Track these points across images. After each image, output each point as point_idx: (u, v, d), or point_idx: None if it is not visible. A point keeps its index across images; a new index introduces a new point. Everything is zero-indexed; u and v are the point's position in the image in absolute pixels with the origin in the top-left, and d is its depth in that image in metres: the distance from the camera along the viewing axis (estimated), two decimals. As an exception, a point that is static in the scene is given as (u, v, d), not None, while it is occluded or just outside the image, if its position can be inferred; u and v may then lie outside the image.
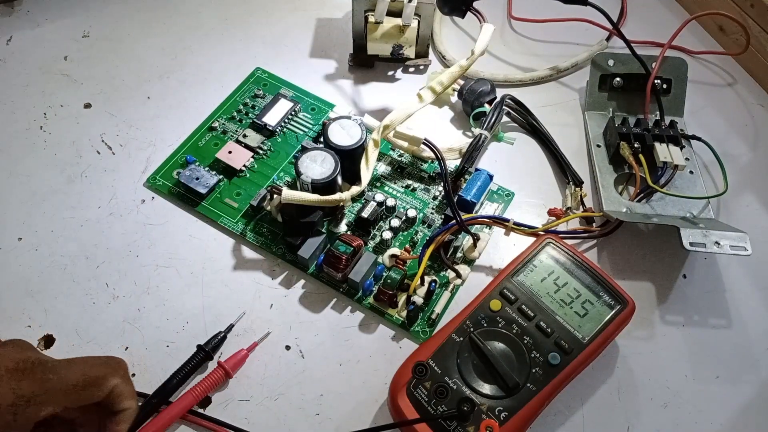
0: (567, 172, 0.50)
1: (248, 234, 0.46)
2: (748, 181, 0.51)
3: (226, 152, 0.49)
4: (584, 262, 0.42)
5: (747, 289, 0.46)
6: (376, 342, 0.43)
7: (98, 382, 0.34)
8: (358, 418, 0.40)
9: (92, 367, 0.34)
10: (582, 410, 0.41)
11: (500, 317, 0.40)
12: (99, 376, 0.34)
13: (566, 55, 0.57)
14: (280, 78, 0.55)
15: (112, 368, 0.35)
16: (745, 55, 0.57)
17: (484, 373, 0.38)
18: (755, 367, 0.42)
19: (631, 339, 0.43)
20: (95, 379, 0.34)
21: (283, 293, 0.44)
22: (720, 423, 0.40)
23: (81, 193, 0.48)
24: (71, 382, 0.33)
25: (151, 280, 0.44)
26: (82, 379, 0.33)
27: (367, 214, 0.45)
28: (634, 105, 0.53)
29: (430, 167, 0.50)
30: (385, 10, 0.50)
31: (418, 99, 0.47)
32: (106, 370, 0.34)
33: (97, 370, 0.34)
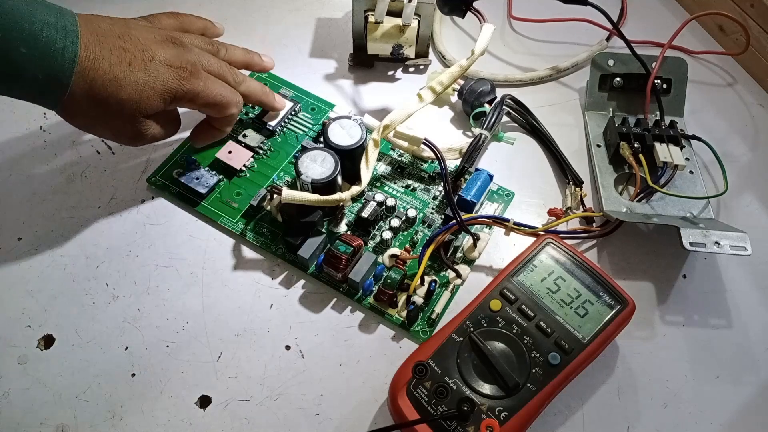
0: (567, 172, 0.50)
1: (248, 234, 0.46)
2: (748, 181, 0.51)
3: (226, 152, 0.49)
4: (584, 262, 0.42)
5: (747, 289, 0.46)
6: (376, 342, 0.43)
7: (226, 107, 0.43)
8: (358, 418, 0.40)
9: (230, 92, 0.43)
10: (582, 410, 0.41)
11: (500, 317, 0.40)
12: (230, 101, 0.43)
13: (566, 55, 0.57)
14: (280, 78, 0.55)
15: (236, 102, 0.43)
16: (745, 55, 0.57)
17: (484, 373, 0.38)
18: (755, 367, 0.42)
19: (631, 339, 0.43)
20: (226, 103, 0.42)
21: (283, 293, 0.44)
22: (720, 423, 0.40)
23: (81, 193, 0.48)
24: (211, 98, 0.41)
25: (151, 280, 0.44)
26: (219, 98, 0.42)
27: (367, 214, 0.45)
28: (634, 105, 0.53)
29: (430, 167, 0.50)
30: (385, 10, 0.50)
31: (418, 99, 0.47)
32: (232, 99, 0.43)
33: (229, 96, 0.42)
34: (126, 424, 0.39)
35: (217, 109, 0.43)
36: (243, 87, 0.45)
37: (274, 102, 0.49)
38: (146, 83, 0.38)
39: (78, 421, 0.39)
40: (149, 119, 0.40)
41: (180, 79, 0.40)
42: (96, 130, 0.41)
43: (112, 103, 0.38)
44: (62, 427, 0.39)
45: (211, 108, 0.43)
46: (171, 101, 0.40)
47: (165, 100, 0.40)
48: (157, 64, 0.39)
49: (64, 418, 0.39)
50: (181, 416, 0.39)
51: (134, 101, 0.38)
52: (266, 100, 0.48)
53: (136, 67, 0.38)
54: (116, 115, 0.39)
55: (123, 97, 0.38)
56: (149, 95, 0.38)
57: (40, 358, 0.41)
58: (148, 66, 0.38)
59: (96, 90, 0.37)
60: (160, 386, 0.40)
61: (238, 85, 0.44)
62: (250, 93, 0.46)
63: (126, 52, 0.38)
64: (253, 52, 0.49)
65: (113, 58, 0.37)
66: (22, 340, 0.41)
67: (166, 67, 0.39)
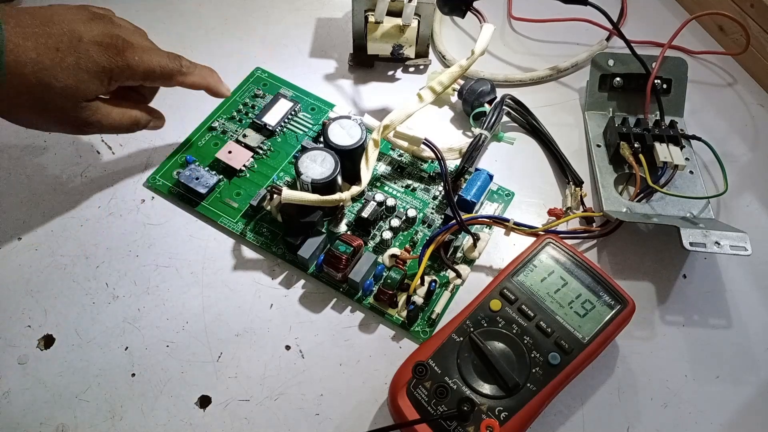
0: (567, 172, 0.50)
1: (248, 234, 0.46)
2: (748, 181, 0.51)
3: (226, 152, 0.49)
4: (584, 262, 0.42)
5: (747, 289, 0.46)
6: (376, 342, 0.43)
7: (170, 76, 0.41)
8: (358, 418, 0.40)
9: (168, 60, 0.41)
10: (582, 410, 0.41)
11: (500, 317, 0.40)
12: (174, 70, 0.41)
13: (566, 55, 0.57)
14: (280, 78, 0.55)
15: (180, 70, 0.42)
16: (745, 55, 0.57)
17: (484, 373, 0.38)
18: (755, 367, 0.42)
19: (631, 339, 0.43)
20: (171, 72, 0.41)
21: (283, 293, 0.44)
22: (720, 423, 0.40)
23: (81, 193, 0.48)
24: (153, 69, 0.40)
25: (151, 280, 0.44)
26: (159, 70, 0.40)
27: (367, 214, 0.45)
28: (634, 105, 0.53)
29: (430, 167, 0.50)
30: (385, 9, 0.50)
31: (418, 99, 0.47)
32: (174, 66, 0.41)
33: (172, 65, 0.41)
34: (126, 424, 0.39)
35: (161, 81, 0.42)
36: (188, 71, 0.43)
37: (220, 87, 0.46)
38: (78, 66, 0.37)
39: (78, 421, 0.39)
40: (92, 103, 0.39)
41: (113, 55, 0.38)
42: (41, 125, 0.40)
43: (47, 92, 0.36)
44: (62, 427, 0.39)
45: (155, 80, 0.41)
46: (108, 80, 0.39)
47: (101, 80, 0.38)
48: (85, 43, 0.37)
49: (64, 418, 0.39)
50: (181, 416, 0.39)
51: (70, 87, 0.37)
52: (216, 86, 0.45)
53: (64, 51, 0.36)
54: (55, 105, 0.37)
55: (57, 85, 0.36)
56: (83, 78, 0.37)
57: (40, 358, 0.41)
58: (77, 47, 0.37)
59: (28, 83, 0.36)
60: (160, 386, 0.40)
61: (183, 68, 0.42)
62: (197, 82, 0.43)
63: (51, 38, 0.36)
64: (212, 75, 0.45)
65: (40, 47, 0.36)
66: (22, 340, 0.41)
67: (95, 46, 0.37)
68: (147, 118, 0.44)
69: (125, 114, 0.42)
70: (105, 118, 0.40)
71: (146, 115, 0.44)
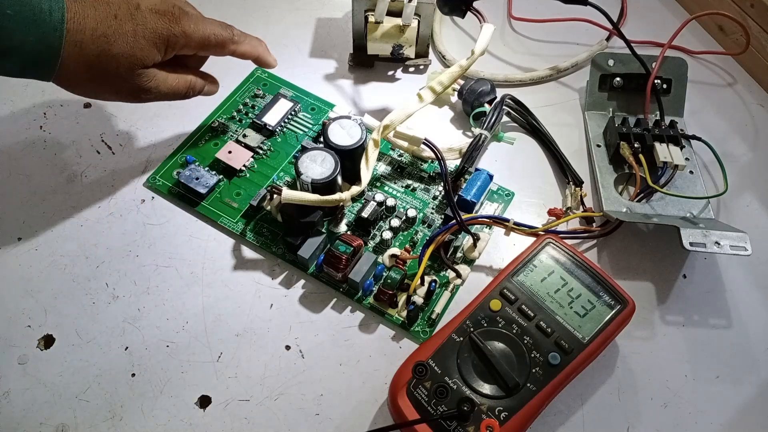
0: (567, 172, 0.50)
1: (248, 234, 0.46)
2: (748, 181, 0.51)
3: (226, 152, 0.49)
4: (584, 262, 0.42)
5: (747, 289, 0.46)
6: (376, 342, 0.43)
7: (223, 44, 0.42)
8: (358, 418, 0.40)
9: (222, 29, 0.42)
10: (582, 410, 0.41)
11: (500, 317, 0.40)
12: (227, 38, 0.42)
13: (566, 55, 0.57)
14: (280, 78, 0.55)
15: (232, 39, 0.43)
16: (745, 55, 0.57)
17: (484, 373, 0.38)
18: (755, 367, 0.42)
19: (631, 339, 0.43)
20: (224, 40, 0.42)
21: (283, 293, 0.44)
22: (720, 423, 0.40)
23: (81, 193, 0.48)
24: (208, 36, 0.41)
25: (151, 280, 0.44)
26: (213, 38, 0.41)
27: (367, 214, 0.45)
28: (634, 105, 0.53)
29: (430, 167, 0.50)
30: (385, 9, 0.50)
31: (418, 99, 0.47)
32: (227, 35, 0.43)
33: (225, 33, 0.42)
34: (126, 424, 0.39)
35: (215, 50, 0.43)
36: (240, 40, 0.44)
37: (268, 57, 0.47)
38: (135, 33, 0.37)
39: (78, 421, 0.39)
40: (149, 70, 0.40)
41: (169, 22, 0.39)
42: (98, 93, 0.40)
43: (106, 60, 0.37)
44: (62, 427, 0.39)
45: (209, 49, 0.42)
46: (165, 48, 0.39)
47: (158, 48, 0.39)
48: (143, 11, 0.38)
49: (64, 418, 0.39)
50: (181, 416, 0.39)
51: (127, 54, 0.37)
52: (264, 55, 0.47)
53: (122, 18, 0.37)
54: (113, 73, 0.38)
55: (115, 52, 0.37)
56: (141, 45, 0.38)
57: (40, 358, 0.41)
58: (134, 15, 0.38)
59: (87, 50, 0.36)
60: (160, 386, 0.40)
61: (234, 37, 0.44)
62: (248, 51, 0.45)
63: (110, 6, 0.37)
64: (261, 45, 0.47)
65: (98, 15, 0.36)
66: (22, 340, 0.41)
67: (152, 14, 0.38)
68: (202, 82, 0.44)
69: (181, 79, 0.42)
70: (162, 84, 0.41)
71: (201, 80, 0.44)
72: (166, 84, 0.41)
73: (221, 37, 0.42)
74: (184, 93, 0.43)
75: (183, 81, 0.42)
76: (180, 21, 0.39)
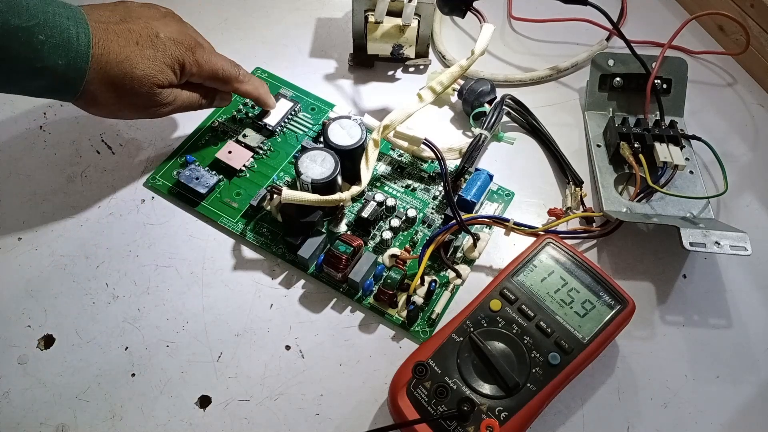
0: (567, 172, 0.50)
1: (248, 234, 0.46)
2: (748, 181, 0.51)
3: (226, 152, 0.49)
4: (584, 262, 0.42)
5: (747, 289, 0.46)
6: (376, 342, 0.43)
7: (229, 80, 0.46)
8: (358, 418, 0.40)
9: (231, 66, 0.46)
10: (582, 410, 0.41)
11: (500, 317, 0.40)
12: (233, 76, 0.46)
13: (566, 55, 0.57)
14: (280, 78, 0.55)
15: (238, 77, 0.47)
16: (745, 55, 0.57)
17: (484, 373, 0.38)
18: (755, 367, 0.42)
19: (631, 339, 0.43)
20: (231, 77, 0.46)
21: (283, 293, 0.44)
22: (720, 423, 0.40)
23: (81, 193, 0.48)
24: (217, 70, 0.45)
25: (151, 280, 0.44)
26: (222, 72, 0.45)
27: (367, 214, 0.45)
28: (634, 105, 0.53)
29: (430, 167, 0.50)
30: (385, 9, 0.50)
31: (418, 99, 0.47)
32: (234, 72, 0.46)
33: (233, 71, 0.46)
34: (126, 424, 0.39)
35: (221, 83, 0.46)
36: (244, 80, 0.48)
37: (269, 99, 0.51)
38: (155, 57, 0.41)
39: (78, 421, 0.39)
40: (165, 90, 0.43)
41: (185, 51, 0.42)
42: (118, 113, 0.43)
43: (128, 81, 0.40)
44: (62, 427, 0.39)
45: (216, 81, 0.46)
46: (181, 72, 0.43)
47: (174, 72, 0.42)
48: (163, 39, 0.41)
49: (64, 418, 0.39)
50: (181, 416, 0.39)
51: (147, 76, 0.41)
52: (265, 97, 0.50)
53: (143, 44, 0.41)
54: (134, 92, 0.41)
55: (137, 74, 0.40)
56: (160, 68, 0.41)
57: (40, 358, 0.41)
58: (155, 42, 0.41)
59: (111, 72, 0.39)
60: (160, 386, 0.40)
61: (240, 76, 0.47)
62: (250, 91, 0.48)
63: (131, 33, 0.40)
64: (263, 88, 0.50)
65: (121, 40, 0.40)
66: (22, 340, 0.41)
67: (171, 41, 0.42)
68: (212, 95, 0.48)
69: (193, 94, 0.46)
70: (178, 99, 0.44)
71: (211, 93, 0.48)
72: (181, 98, 0.44)
73: (228, 73, 0.46)
74: (198, 104, 0.46)
75: (195, 95, 0.46)
76: (195, 51, 0.43)
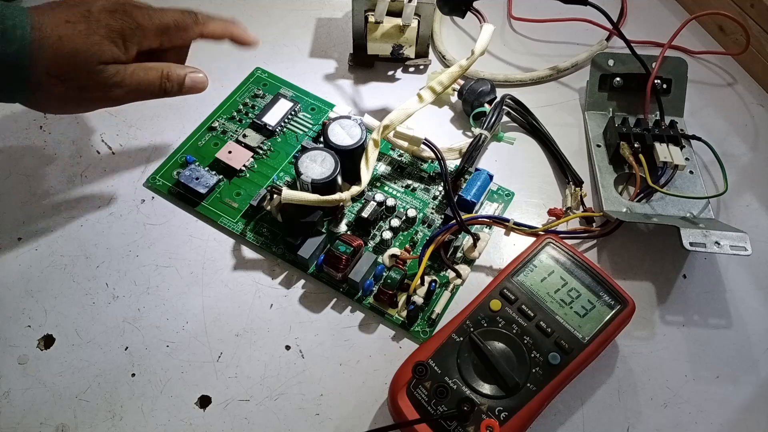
0: (567, 172, 0.50)
1: (248, 234, 0.46)
2: (748, 181, 0.51)
3: (226, 152, 0.49)
4: (584, 262, 0.42)
5: (747, 289, 0.46)
6: (376, 342, 0.43)
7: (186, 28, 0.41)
8: (358, 418, 0.40)
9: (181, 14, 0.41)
10: (582, 410, 0.41)
11: (500, 317, 0.40)
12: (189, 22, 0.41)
13: (566, 55, 0.57)
14: (280, 78, 0.55)
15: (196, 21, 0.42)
16: (745, 55, 0.57)
17: (484, 373, 0.38)
18: (755, 367, 0.42)
19: (631, 339, 0.43)
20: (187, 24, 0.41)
21: (283, 293, 0.44)
22: (720, 423, 0.40)
23: (81, 193, 0.48)
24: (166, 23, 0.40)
25: (151, 280, 0.44)
26: (173, 23, 0.41)
27: (367, 214, 0.45)
28: (634, 105, 0.53)
29: (430, 167, 0.50)
30: (385, 10, 0.50)
31: (418, 99, 0.47)
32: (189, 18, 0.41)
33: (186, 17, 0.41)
34: (126, 424, 0.39)
35: (179, 36, 0.41)
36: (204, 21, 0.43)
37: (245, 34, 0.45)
38: (89, 30, 0.38)
39: (78, 421, 0.39)
40: (109, 66, 0.39)
41: (121, 17, 0.39)
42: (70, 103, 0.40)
43: (64, 60, 0.37)
44: (62, 427, 0.39)
45: (171, 36, 0.41)
46: (123, 42, 0.39)
47: (115, 43, 0.38)
48: (95, 13, 0.38)
49: (64, 418, 0.39)
50: (181, 416, 0.39)
51: (83, 50, 0.37)
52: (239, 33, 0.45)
53: (75, 20, 0.38)
54: (76, 74, 0.38)
55: (69, 49, 0.37)
56: (96, 40, 0.38)
57: (40, 358, 0.41)
58: (87, 17, 0.38)
59: (48, 55, 0.37)
60: (160, 386, 0.40)
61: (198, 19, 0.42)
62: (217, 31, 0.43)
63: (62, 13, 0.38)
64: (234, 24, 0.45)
65: (52, 21, 0.37)
66: (22, 340, 0.41)
67: (105, 13, 0.38)
68: (179, 72, 0.42)
69: (150, 70, 0.41)
70: (129, 78, 0.39)
71: (176, 68, 0.42)
72: (133, 77, 0.40)
73: (182, 21, 0.41)
74: (158, 84, 0.41)
75: (154, 72, 0.41)
76: (132, 14, 0.39)
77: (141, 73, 0.40)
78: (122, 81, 0.39)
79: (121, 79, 0.39)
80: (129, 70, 0.39)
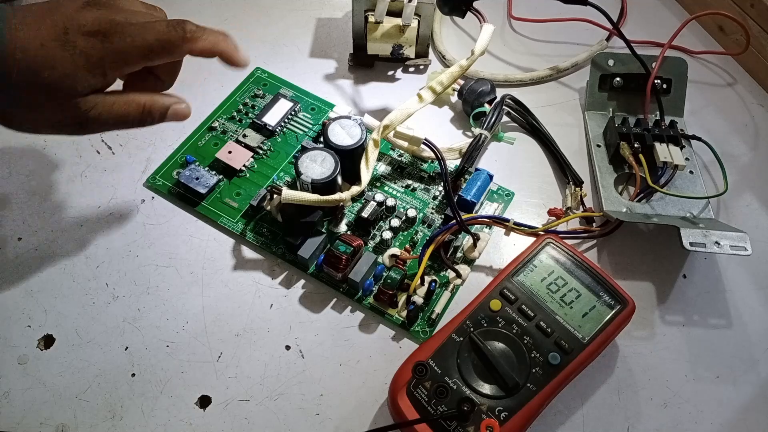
0: (567, 172, 0.50)
1: (248, 234, 0.46)
2: (748, 181, 0.51)
3: (226, 152, 0.49)
4: (584, 262, 0.42)
5: (747, 289, 0.46)
6: (376, 342, 0.43)
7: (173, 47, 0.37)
8: (358, 418, 0.40)
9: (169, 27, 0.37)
10: (582, 410, 0.41)
11: (500, 317, 0.40)
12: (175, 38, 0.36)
13: (566, 55, 0.57)
14: (280, 78, 0.55)
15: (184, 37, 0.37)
16: (745, 55, 0.57)
17: (484, 373, 0.38)
18: (755, 367, 0.42)
19: (631, 339, 0.43)
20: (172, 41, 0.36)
21: (283, 293, 0.44)
22: (720, 423, 0.40)
23: (81, 193, 0.48)
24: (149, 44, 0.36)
25: (151, 280, 0.44)
26: (158, 44, 0.36)
27: (367, 214, 0.45)
28: (634, 105, 0.53)
29: (430, 167, 0.50)
30: (385, 9, 0.50)
31: (418, 99, 0.47)
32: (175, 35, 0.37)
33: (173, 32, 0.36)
34: (126, 424, 0.39)
35: (166, 56, 0.37)
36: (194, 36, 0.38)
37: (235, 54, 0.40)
38: (64, 59, 0.34)
39: (78, 421, 0.39)
40: (88, 98, 0.35)
41: (99, 42, 0.34)
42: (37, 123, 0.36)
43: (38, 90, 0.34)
44: (62, 427, 0.39)
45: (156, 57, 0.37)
46: (103, 72, 0.35)
47: (94, 73, 0.35)
48: (72, 35, 0.34)
49: (64, 418, 0.39)
50: (181, 416, 0.39)
51: (57, 83, 0.34)
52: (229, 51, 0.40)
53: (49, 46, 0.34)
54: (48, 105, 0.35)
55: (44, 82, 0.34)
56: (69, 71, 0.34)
57: (40, 358, 0.41)
58: (64, 41, 0.34)
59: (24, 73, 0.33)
60: (160, 386, 0.40)
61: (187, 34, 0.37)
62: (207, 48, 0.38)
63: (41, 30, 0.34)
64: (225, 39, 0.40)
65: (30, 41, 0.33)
66: (22, 340, 0.41)
67: (81, 36, 0.34)
68: (161, 104, 0.39)
69: (131, 102, 0.37)
70: (107, 111, 0.36)
71: (160, 100, 0.39)
72: (112, 111, 0.36)
73: (167, 39, 0.36)
74: (139, 118, 0.38)
75: (134, 105, 0.38)
76: (111, 38, 0.35)
77: (121, 107, 0.37)
78: (99, 116, 0.36)
79: (98, 114, 0.36)
80: (108, 103, 0.36)
